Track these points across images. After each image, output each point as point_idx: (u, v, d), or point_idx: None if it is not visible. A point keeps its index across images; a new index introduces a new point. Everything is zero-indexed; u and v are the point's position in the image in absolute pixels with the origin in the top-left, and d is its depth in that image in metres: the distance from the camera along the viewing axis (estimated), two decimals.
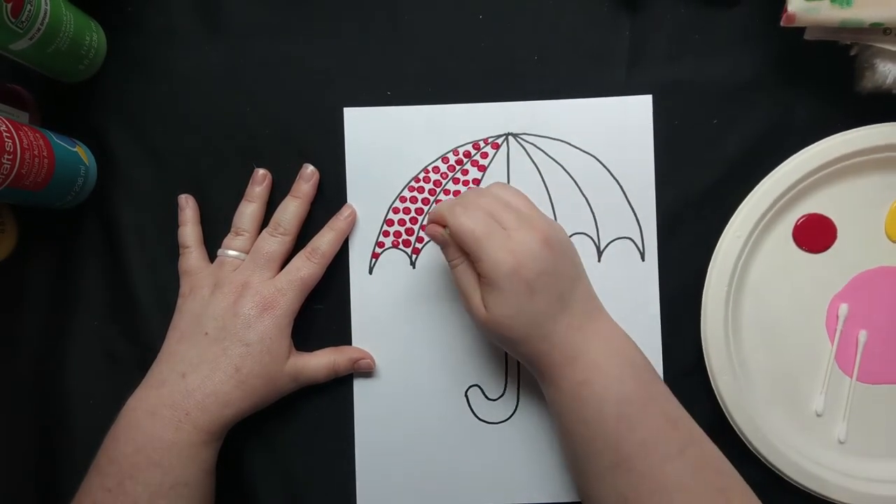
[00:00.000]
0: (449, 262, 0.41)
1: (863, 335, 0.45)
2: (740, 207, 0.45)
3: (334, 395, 0.47)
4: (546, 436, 0.46)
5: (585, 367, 0.38)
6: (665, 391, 0.40)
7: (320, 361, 0.45)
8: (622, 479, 0.37)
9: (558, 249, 0.39)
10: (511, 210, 0.40)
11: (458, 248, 0.40)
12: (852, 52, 0.44)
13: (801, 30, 0.43)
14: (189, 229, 0.46)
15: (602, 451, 0.38)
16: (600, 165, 0.46)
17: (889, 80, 0.42)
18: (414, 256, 0.47)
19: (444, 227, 0.40)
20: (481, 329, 0.41)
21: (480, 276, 0.39)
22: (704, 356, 0.44)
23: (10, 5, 0.38)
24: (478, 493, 0.46)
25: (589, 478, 0.39)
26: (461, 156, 0.47)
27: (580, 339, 0.39)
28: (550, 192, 0.47)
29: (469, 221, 0.39)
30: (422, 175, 0.47)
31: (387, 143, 0.47)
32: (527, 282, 0.38)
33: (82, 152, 0.46)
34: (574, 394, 0.39)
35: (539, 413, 0.46)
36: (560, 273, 0.39)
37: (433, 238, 0.41)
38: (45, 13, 0.41)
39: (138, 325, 0.47)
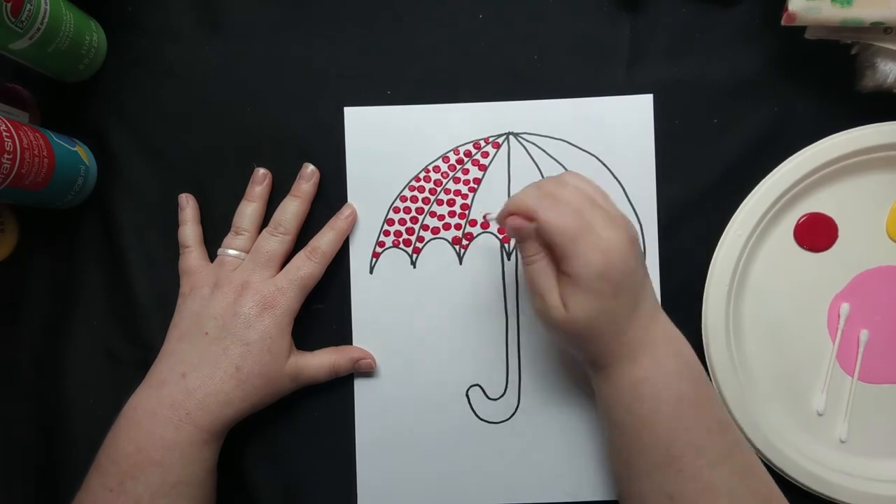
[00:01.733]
0: (526, 257, 0.39)
1: (864, 334, 0.45)
2: (741, 206, 0.45)
3: (335, 394, 0.47)
4: (547, 436, 0.46)
5: (646, 365, 0.38)
6: (715, 393, 0.40)
7: (321, 361, 0.45)
8: (670, 479, 0.37)
9: (637, 247, 0.39)
10: (596, 206, 0.38)
11: (539, 244, 0.38)
12: (853, 52, 0.44)
13: (802, 29, 0.43)
14: (189, 229, 0.46)
15: (653, 449, 0.37)
16: (601, 165, 0.46)
17: (890, 80, 0.42)
18: (414, 256, 0.47)
19: (529, 220, 0.38)
20: (552, 328, 0.39)
21: (563, 273, 0.38)
22: (705, 355, 0.44)
23: (9, 5, 0.38)
24: (478, 492, 0.46)
25: (635, 475, 0.39)
26: (462, 155, 0.47)
27: (646, 337, 0.39)
28: None
29: (561, 218, 0.37)
30: (422, 174, 0.47)
31: (387, 143, 0.47)
32: (615, 283, 0.37)
33: (82, 152, 0.46)
34: (631, 390, 0.38)
35: (540, 413, 0.46)
36: (637, 273, 0.39)
37: (516, 232, 0.39)
38: (45, 13, 0.41)
39: (138, 325, 0.47)
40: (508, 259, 0.47)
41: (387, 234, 0.47)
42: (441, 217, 0.47)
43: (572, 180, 0.40)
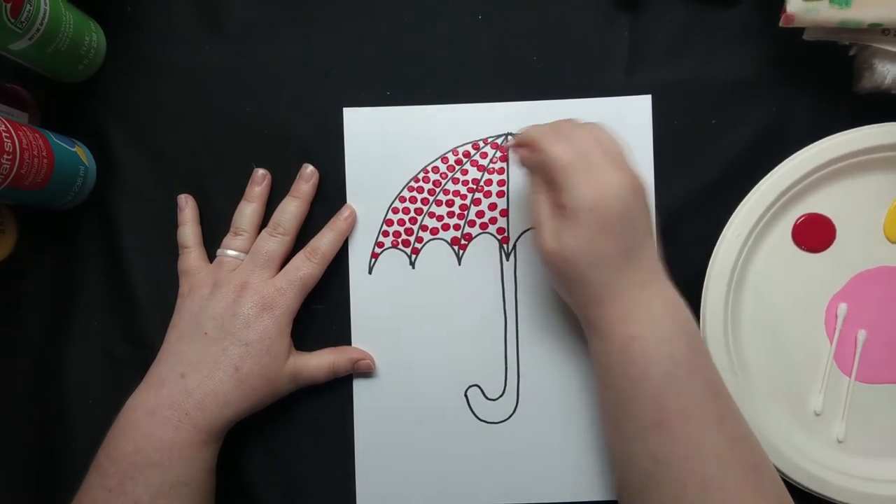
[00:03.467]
0: (530, 188, 0.41)
1: (862, 335, 0.45)
2: (739, 207, 0.45)
3: (334, 395, 0.47)
4: (545, 436, 0.46)
5: (639, 324, 0.38)
6: (710, 362, 0.40)
7: (320, 362, 0.45)
8: (658, 440, 0.37)
9: (640, 200, 0.39)
10: (603, 150, 0.39)
11: (542, 176, 0.40)
12: (851, 53, 0.44)
13: (800, 30, 0.43)
14: (188, 229, 0.46)
15: (643, 410, 0.37)
16: None
17: (888, 80, 0.42)
18: (413, 256, 0.47)
19: (535, 152, 0.39)
20: (545, 262, 0.40)
21: (558, 206, 0.38)
22: None
23: (9, 5, 0.38)
24: (477, 493, 0.46)
25: (624, 436, 0.39)
26: (461, 156, 0.47)
27: (640, 295, 0.38)
28: None
29: (561, 151, 0.38)
30: (421, 175, 0.47)
31: (386, 144, 0.47)
32: (603, 219, 0.37)
33: (82, 152, 0.46)
34: (623, 349, 0.38)
35: (539, 413, 0.46)
36: (635, 224, 0.39)
37: (522, 161, 0.41)
38: (45, 13, 0.41)
39: (138, 325, 0.47)
40: (507, 259, 0.47)
41: (386, 234, 0.47)
42: (440, 218, 0.47)
43: (591, 126, 0.41)
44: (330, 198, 0.47)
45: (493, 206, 0.47)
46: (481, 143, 0.47)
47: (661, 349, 0.38)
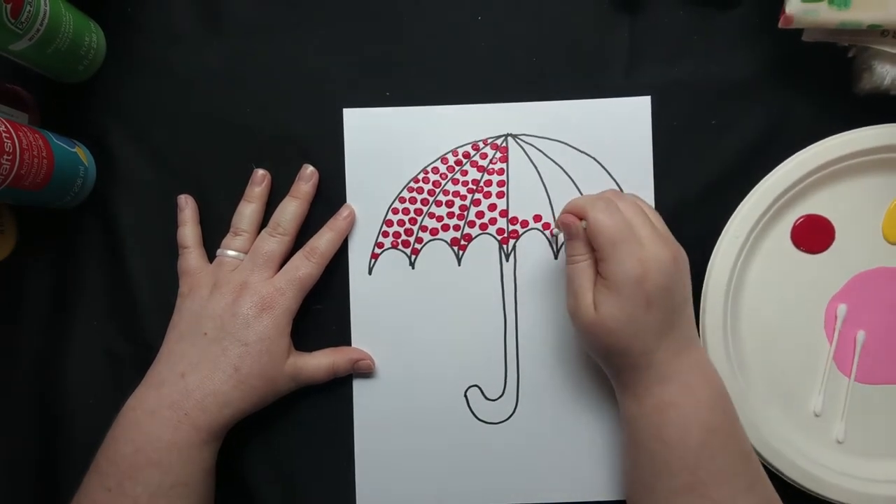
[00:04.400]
0: (570, 256, 0.41)
1: (861, 335, 0.45)
2: (739, 208, 0.45)
3: (334, 395, 0.47)
4: (545, 436, 0.46)
5: (677, 391, 0.39)
6: (740, 425, 0.40)
7: (320, 362, 0.45)
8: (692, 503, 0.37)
9: (682, 271, 0.40)
10: (647, 221, 0.40)
11: (586, 245, 0.40)
12: (850, 54, 0.44)
13: (800, 31, 0.43)
14: (188, 229, 0.46)
15: (678, 473, 0.38)
16: (599, 166, 0.47)
17: (887, 82, 0.42)
18: (413, 257, 0.47)
19: (581, 219, 0.40)
20: (582, 330, 0.40)
21: (600, 276, 0.39)
22: None
23: (9, 6, 0.38)
24: (476, 493, 0.46)
25: (655, 498, 0.39)
26: (460, 156, 0.47)
27: (677, 362, 0.39)
28: (549, 193, 0.47)
29: (609, 220, 0.38)
30: (421, 176, 0.47)
31: (386, 144, 0.47)
32: (648, 294, 0.37)
33: (81, 152, 0.46)
34: (659, 413, 0.39)
35: (538, 413, 0.46)
36: (676, 294, 0.39)
37: (566, 228, 0.40)
38: (45, 14, 0.41)
39: (138, 325, 0.47)
40: (507, 260, 0.47)
41: (385, 235, 0.47)
42: (440, 218, 0.47)
43: (630, 196, 0.42)
44: (330, 198, 0.47)
45: (492, 207, 0.47)
46: (481, 144, 0.47)
47: (699, 415, 0.38)
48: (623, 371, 0.40)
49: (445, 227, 0.47)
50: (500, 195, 0.47)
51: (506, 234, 0.47)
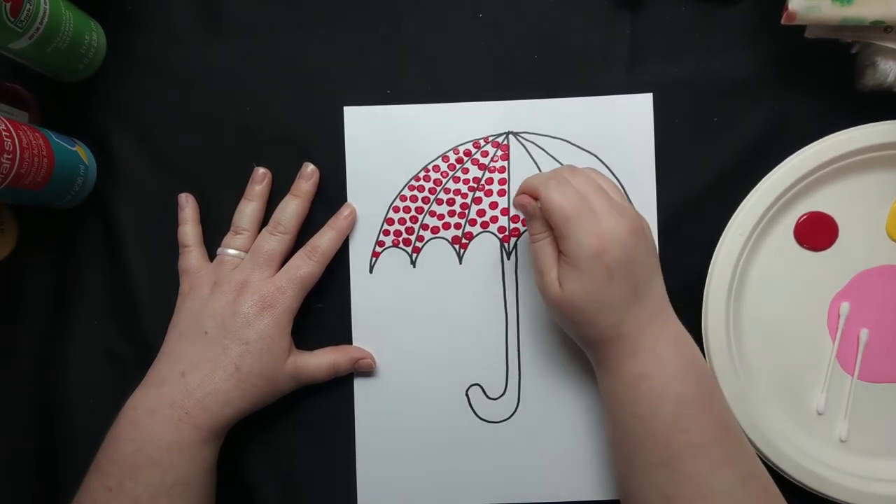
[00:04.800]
0: (531, 235, 0.41)
1: (864, 334, 0.45)
2: (741, 205, 0.44)
3: (334, 394, 0.47)
4: (546, 435, 0.46)
5: (647, 362, 0.38)
6: (721, 399, 0.40)
7: (321, 361, 0.45)
8: (667, 479, 0.37)
9: (643, 242, 0.40)
10: (603, 194, 0.40)
11: (544, 223, 0.40)
12: (853, 51, 0.44)
13: (802, 28, 0.43)
14: (189, 228, 0.46)
15: (651, 448, 0.38)
16: (600, 164, 0.46)
17: (890, 78, 0.42)
18: (414, 255, 0.47)
19: (536, 199, 0.40)
20: (550, 307, 0.41)
21: (562, 253, 0.39)
22: (706, 355, 0.44)
23: (9, 4, 0.38)
24: (478, 492, 0.46)
25: (634, 473, 0.39)
26: (461, 154, 0.47)
27: (647, 333, 0.39)
28: None
29: (561, 198, 0.38)
30: (422, 174, 0.47)
31: (387, 142, 0.47)
32: (607, 267, 0.38)
33: (82, 152, 0.46)
34: (631, 387, 0.38)
35: (540, 412, 0.46)
36: (640, 265, 0.39)
37: (522, 209, 0.41)
38: (45, 12, 0.41)
39: (138, 324, 0.47)
40: (508, 259, 0.47)
41: (386, 233, 0.47)
42: (441, 216, 0.47)
43: (588, 171, 0.42)
44: (331, 197, 0.47)
45: (494, 205, 0.47)
46: (482, 142, 0.47)
47: (669, 388, 0.38)
48: (596, 345, 0.40)
49: (447, 226, 0.47)
50: (501, 193, 0.47)
51: (507, 233, 0.47)
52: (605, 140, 0.46)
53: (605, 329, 0.39)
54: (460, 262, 0.47)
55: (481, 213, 0.47)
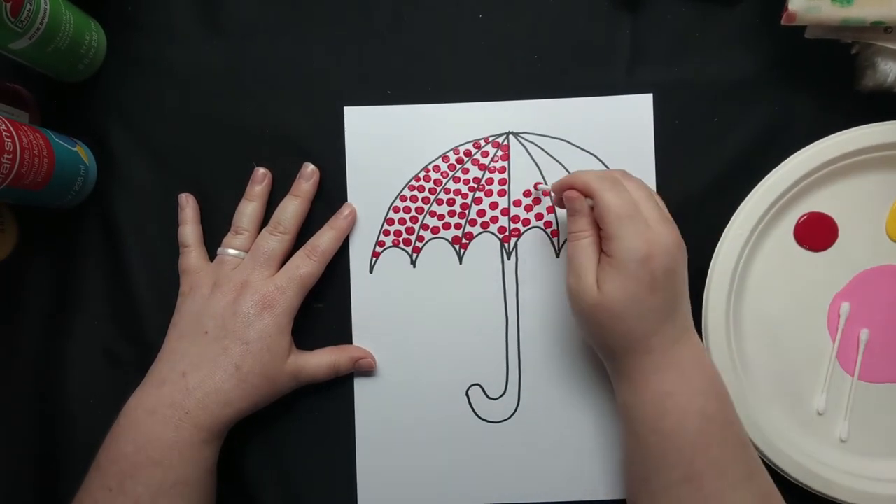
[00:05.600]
0: (573, 233, 0.40)
1: (864, 334, 0.45)
2: (741, 206, 0.44)
3: (335, 394, 0.47)
4: (547, 435, 0.46)
5: (673, 379, 0.38)
6: (738, 418, 0.40)
7: (321, 360, 0.45)
8: (689, 496, 0.37)
9: (683, 257, 0.40)
10: (653, 202, 0.39)
11: (590, 221, 0.39)
12: (853, 51, 0.44)
13: (802, 28, 0.43)
14: (189, 228, 0.46)
15: (675, 465, 0.37)
16: (601, 164, 0.46)
17: (890, 79, 0.42)
18: (414, 255, 0.47)
19: (586, 196, 0.39)
20: (582, 311, 0.39)
21: (605, 255, 0.38)
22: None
23: (9, 4, 0.38)
24: (478, 492, 0.46)
25: (653, 489, 0.39)
26: (462, 154, 0.47)
27: (674, 351, 0.39)
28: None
29: (617, 198, 0.38)
30: (422, 174, 0.47)
31: (387, 142, 0.47)
32: (652, 274, 0.37)
33: (82, 152, 0.46)
34: (656, 403, 0.38)
35: (540, 412, 0.46)
36: (680, 278, 0.39)
37: (571, 204, 0.40)
38: (45, 12, 0.41)
39: (138, 325, 0.47)
40: (508, 259, 0.47)
41: (387, 233, 0.47)
42: (441, 217, 0.47)
43: (636, 178, 0.41)
44: (331, 197, 0.47)
45: (494, 205, 0.47)
46: (482, 142, 0.47)
47: (694, 404, 0.38)
48: (621, 357, 0.39)
49: (447, 226, 0.47)
50: (501, 193, 0.47)
51: (507, 233, 0.47)
52: (605, 140, 0.46)
53: (638, 341, 0.38)
54: (460, 263, 0.47)
55: (481, 213, 0.47)
